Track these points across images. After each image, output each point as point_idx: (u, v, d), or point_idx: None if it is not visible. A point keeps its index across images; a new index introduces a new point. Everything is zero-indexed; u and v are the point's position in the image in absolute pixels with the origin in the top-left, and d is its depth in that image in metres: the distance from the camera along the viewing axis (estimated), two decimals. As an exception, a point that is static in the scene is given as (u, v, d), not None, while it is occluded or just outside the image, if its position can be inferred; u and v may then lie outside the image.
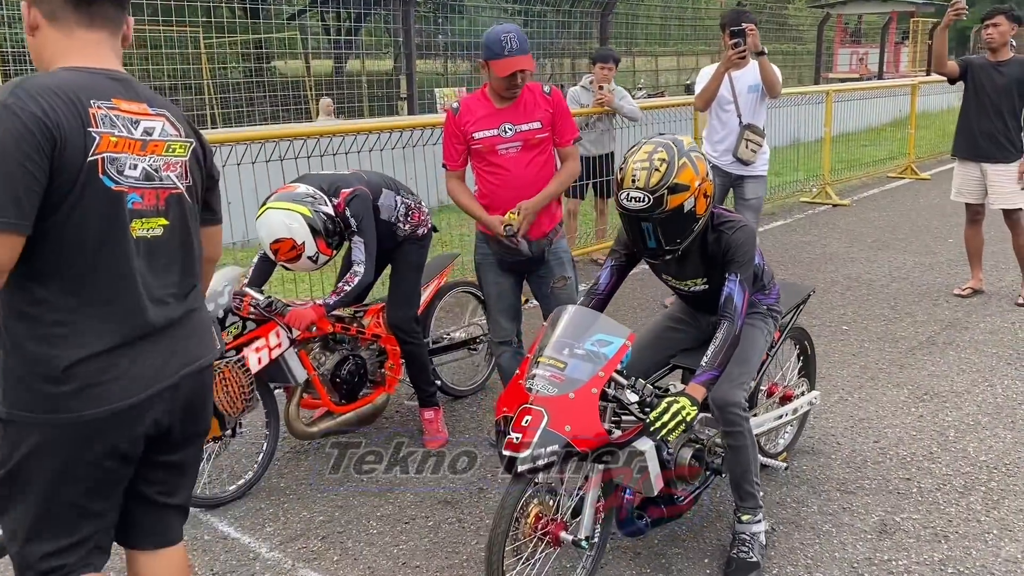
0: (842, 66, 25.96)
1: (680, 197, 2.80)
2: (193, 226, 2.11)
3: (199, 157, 2.13)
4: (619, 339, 2.78)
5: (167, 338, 2.03)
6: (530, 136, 3.78)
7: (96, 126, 1.88)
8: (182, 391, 2.06)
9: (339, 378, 4.02)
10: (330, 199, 3.81)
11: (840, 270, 7.41)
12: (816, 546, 3.29)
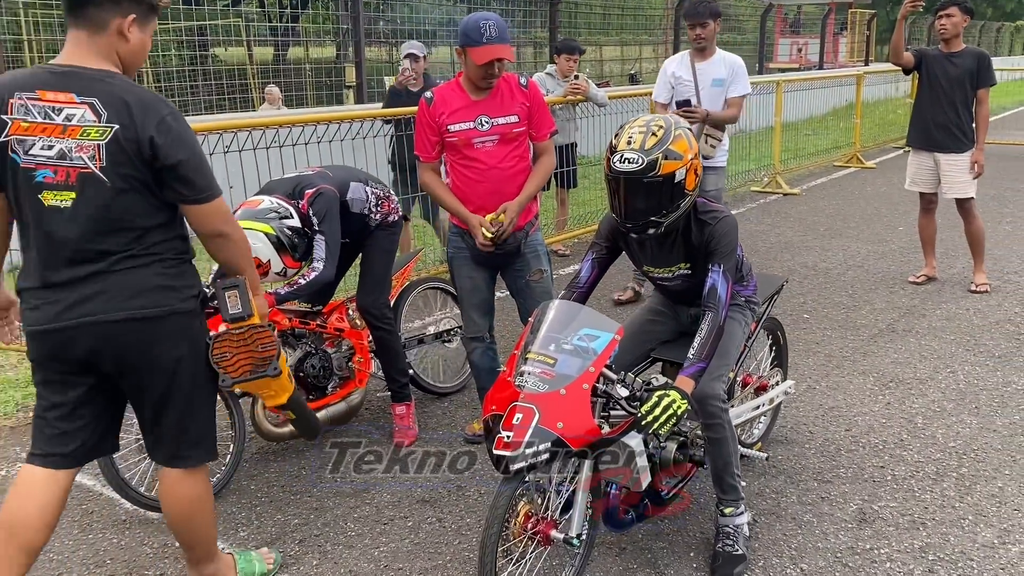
0: (782, 56, 26.36)
1: (673, 165, 2.80)
2: (111, 201, 2.41)
3: (125, 141, 2.37)
4: (608, 333, 2.73)
5: (69, 290, 2.44)
6: (507, 130, 3.71)
7: (11, 113, 2.36)
8: (85, 336, 2.46)
9: (303, 374, 3.91)
10: (296, 201, 3.71)
11: (796, 258, 7.49)
12: (799, 536, 3.30)
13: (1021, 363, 4.98)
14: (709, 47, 5.60)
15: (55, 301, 2.44)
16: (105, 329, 2.46)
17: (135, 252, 2.47)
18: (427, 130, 3.74)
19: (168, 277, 2.53)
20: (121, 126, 2.37)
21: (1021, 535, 3.29)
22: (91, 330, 2.45)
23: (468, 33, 3.54)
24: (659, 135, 2.82)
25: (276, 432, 3.81)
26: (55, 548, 3.31)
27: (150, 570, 3.16)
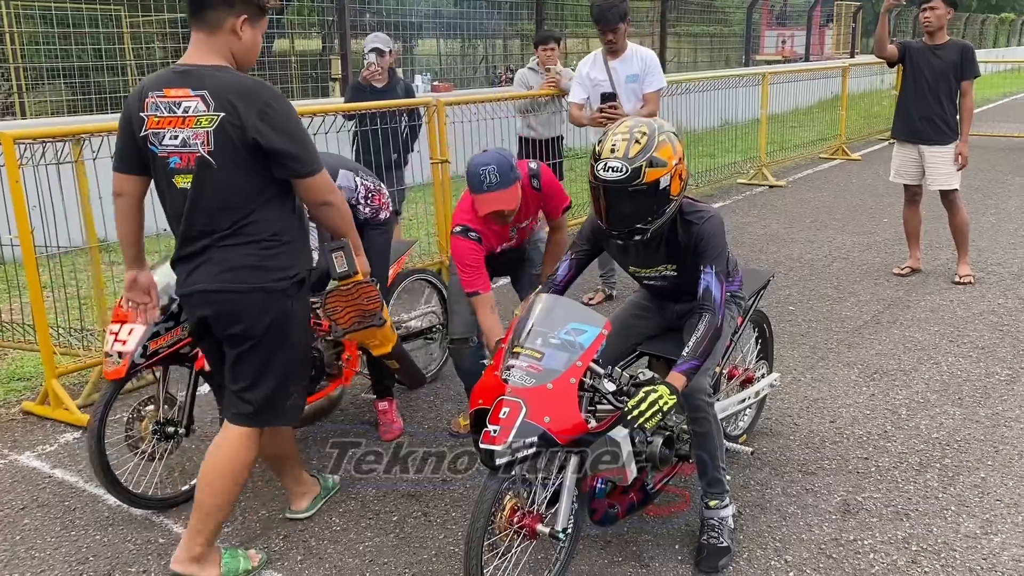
0: (768, 48, 26.39)
1: (657, 172, 2.77)
2: (218, 183, 2.73)
3: (231, 127, 2.68)
4: (595, 328, 2.73)
5: (187, 263, 2.86)
6: (528, 227, 3.94)
7: (146, 111, 2.75)
8: (196, 302, 2.88)
9: None
10: None
11: (782, 251, 7.51)
12: (783, 528, 3.31)
13: (1004, 354, 5.01)
14: (621, 45, 5.67)
15: (182, 272, 2.89)
16: (205, 297, 2.85)
17: (231, 232, 2.79)
18: (480, 266, 3.67)
19: (259, 258, 2.82)
20: (226, 113, 2.67)
21: (1003, 525, 3.31)
22: (198, 298, 2.87)
23: (470, 179, 3.57)
24: (643, 142, 2.78)
25: None
26: (36, 546, 3.29)
27: (133, 567, 3.14)
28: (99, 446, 3.27)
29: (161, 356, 3.38)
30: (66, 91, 11.80)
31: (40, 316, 4.30)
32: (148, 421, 3.51)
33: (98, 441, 3.27)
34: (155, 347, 3.34)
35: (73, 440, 4.15)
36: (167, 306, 3.36)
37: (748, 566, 3.09)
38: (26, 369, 5.05)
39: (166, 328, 3.37)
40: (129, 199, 2.89)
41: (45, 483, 3.76)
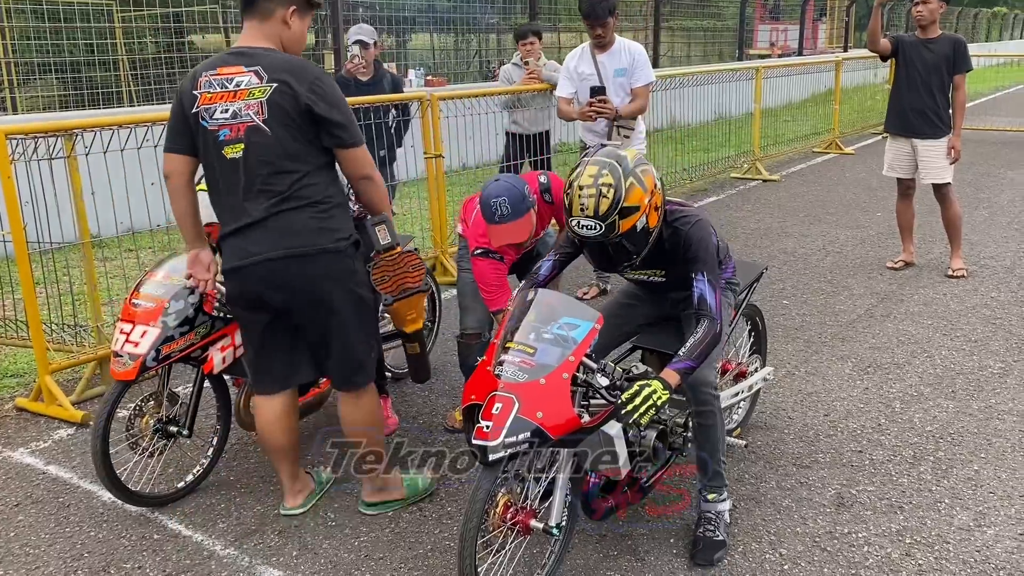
0: (762, 43, 26.40)
1: (632, 219, 2.75)
2: (271, 147, 2.88)
3: (284, 96, 2.86)
4: (588, 322, 2.72)
5: (242, 234, 2.94)
6: (540, 230, 3.92)
7: (199, 89, 2.92)
8: (256, 274, 2.94)
9: None
10: None
11: (775, 244, 7.52)
12: (778, 522, 3.32)
13: (996, 347, 5.02)
14: (609, 39, 5.65)
15: (235, 245, 2.96)
16: (269, 267, 2.92)
17: (290, 195, 2.91)
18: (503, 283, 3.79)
19: (319, 220, 2.95)
20: (280, 83, 2.86)
21: (996, 518, 3.33)
22: (259, 268, 2.93)
23: (483, 209, 3.60)
24: (610, 196, 2.71)
25: None
26: (31, 542, 3.28)
27: (128, 563, 3.13)
28: (103, 445, 3.25)
29: (173, 360, 3.38)
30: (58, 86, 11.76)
31: (33, 312, 4.29)
32: (149, 418, 3.50)
33: (103, 440, 3.25)
34: (168, 351, 3.32)
35: (67, 436, 4.14)
36: (182, 310, 3.34)
37: (743, 559, 3.10)
38: (19, 365, 5.04)
39: (180, 333, 3.34)
40: (179, 178, 3.02)
41: (39, 480, 3.75)
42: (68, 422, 4.26)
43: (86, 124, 4.47)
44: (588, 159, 2.81)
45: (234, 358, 3.50)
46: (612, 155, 2.80)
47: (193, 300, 3.36)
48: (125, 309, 3.37)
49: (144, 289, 3.39)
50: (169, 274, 3.42)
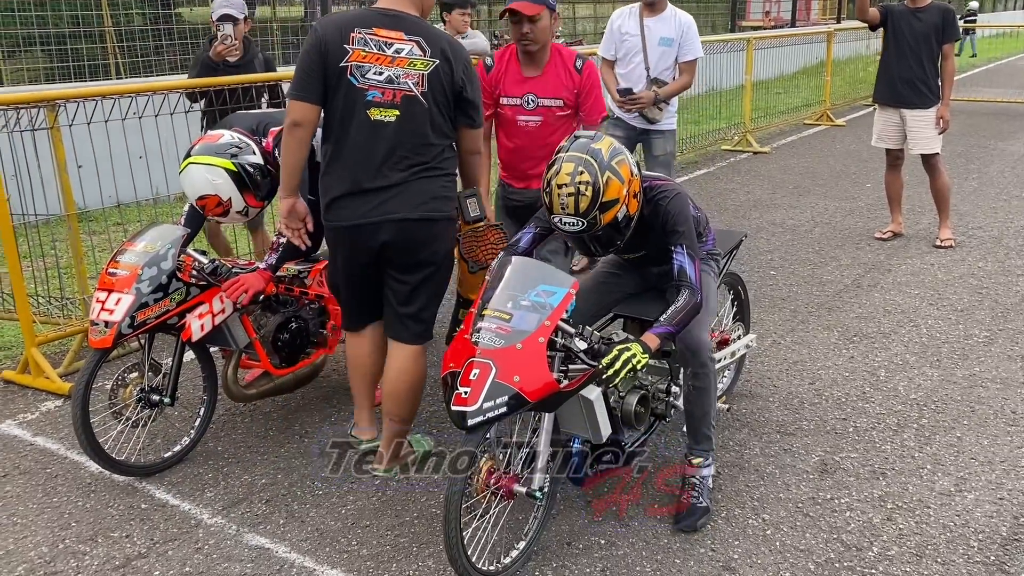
0: (755, 14, 26.24)
1: (612, 212, 2.75)
2: (425, 119, 3.09)
3: (443, 74, 3.08)
4: (563, 288, 2.73)
5: (377, 193, 3.10)
6: (550, 112, 3.85)
7: (352, 44, 3.02)
8: (385, 230, 3.12)
9: (280, 341, 3.86)
10: (259, 138, 3.65)
11: (764, 216, 7.53)
12: (761, 488, 3.36)
13: (982, 316, 5.06)
14: (660, 1, 5.30)
15: (364, 202, 3.10)
16: (403, 225, 3.13)
17: (431, 165, 3.15)
18: (484, 94, 3.74)
19: (446, 189, 3.21)
20: (441, 61, 3.08)
21: (976, 483, 3.37)
22: (392, 226, 3.12)
23: None
24: (588, 194, 2.70)
25: (246, 394, 3.78)
26: (19, 512, 3.29)
27: (115, 532, 3.15)
28: (83, 413, 3.27)
29: (149, 327, 3.38)
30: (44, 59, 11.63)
31: (18, 284, 4.27)
32: (132, 388, 3.50)
33: (83, 408, 3.26)
34: (143, 318, 3.32)
35: (54, 408, 4.15)
36: (155, 277, 3.34)
37: (726, 524, 3.13)
38: (6, 339, 5.03)
39: (155, 299, 3.34)
40: (307, 128, 3.07)
41: (27, 451, 3.75)
42: (55, 394, 4.26)
43: (69, 95, 4.44)
44: (563, 155, 2.78)
45: (212, 325, 3.49)
46: (586, 149, 2.77)
47: (167, 267, 3.36)
48: (102, 278, 3.37)
49: (120, 258, 3.39)
50: (147, 243, 3.42)
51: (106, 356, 3.40)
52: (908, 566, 2.89)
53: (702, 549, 3.00)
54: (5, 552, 3.05)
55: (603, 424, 2.79)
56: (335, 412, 4.04)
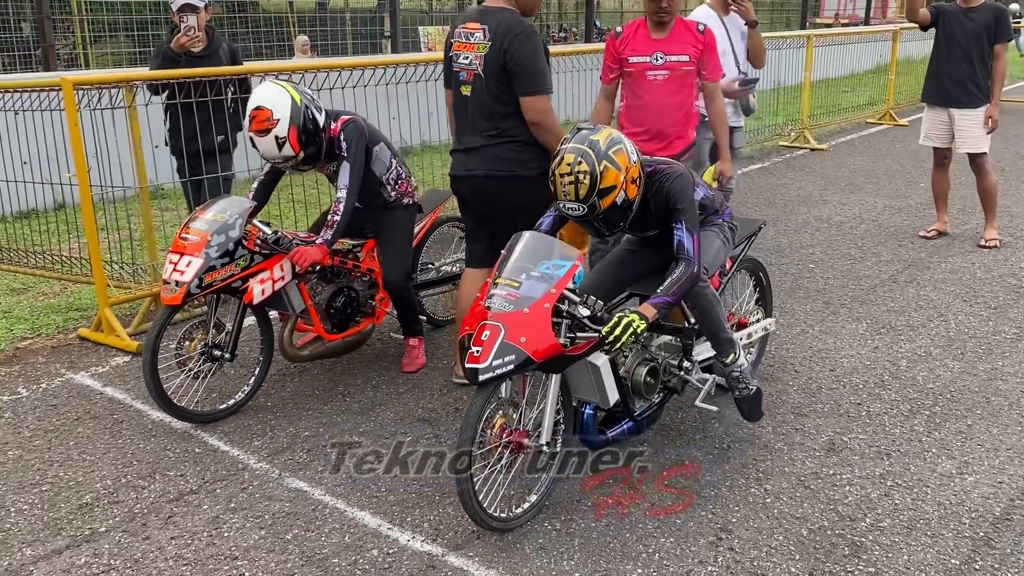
0: (828, 12, 25.88)
1: (610, 197, 2.99)
2: (489, 91, 3.80)
3: (493, 52, 3.74)
4: (569, 261, 3.00)
5: (467, 153, 3.94)
6: (677, 67, 4.29)
7: (455, 38, 3.90)
8: (468, 184, 3.99)
9: (333, 308, 4.21)
10: (329, 122, 3.99)
11: (812, 211, 7.61)
12: (768, 461, 3.54)
13: (1015, 314, 5.11)
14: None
15: (460, 159, 3.98)
16: (476, 181, 3.91)
17: (497, 133, 3.84)
18: (609, 59, 4.42)
19: (515, 152, 3.83)
20: (494, 42, 3.74)
21: (979, 467, 3.49)
22: (471, 181, 3.94)
23: None
24: (587, 182, 2.95)
25: (300, 355, 4.11)
26: (88, 450, 3.67)
27: (172, 471, 3.50)
28: (152, 361, 3.65)
29: (215, 289, 3.74)
30: (127, 43, 12.23)
31: (95, 251, 4.68)
32: (197, 343, 3.89)
33: (152, 356, 3.65)
34: (210, 279, 3.70)
35: (123, 363, 4.54)
36: (223, 243, 3.70)
37: (729, 492, 3.33)
38: (82, 300, 5.46)
39: (221, 264, 3.72)
40: (450, 107, 4.06)
41: (97, 399, 4.15)
42: (124, 351, 4.65)
43: (145, 77, 4.81)
44: (565, 147, 3.02)
45: (272, 290, 3.84)
46: (585, 141, 3.00)
47: (234, 235, 3.72)
48: (175, 242, 3.74)
49: (192, 225, 3.76)
50: (216, 213, 3.79)
51: (176, 312, 3.79)
52: (897, 537, 3.05)
53: (703, 512, 3.20)
54: (76, 482, 3.42)
55: (610, 389, 3.03)
56: (376, 376, 4.34)
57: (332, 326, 4.21)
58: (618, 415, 3.31)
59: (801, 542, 3.03)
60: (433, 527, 3.11)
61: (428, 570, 2.89)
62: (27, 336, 4.93)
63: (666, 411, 3.79)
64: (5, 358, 4.64)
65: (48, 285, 5.76)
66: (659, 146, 4.30)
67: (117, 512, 3.22)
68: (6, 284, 5.81)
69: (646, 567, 2.91)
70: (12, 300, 5.52)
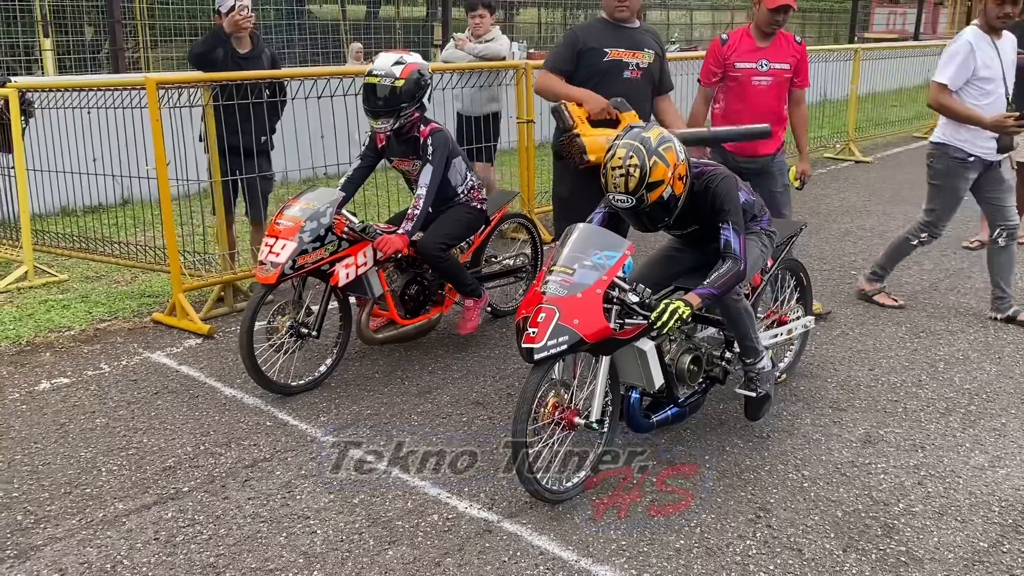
0: (879, 26, 25.80)
1: (658, 191, 3.19)
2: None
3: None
4: (620, 251, 3.23)
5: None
6: (779, 74, 4.73)
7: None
8: None
9: (407, 295, 4.52)
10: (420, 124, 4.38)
11: (855, 221, 7.73)
12: (806, 450, 3.72)
13: (1054, 322, 5.21)
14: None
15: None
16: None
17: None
18: (713, 63, 4.76)
19: None
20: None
21: (1011, 461, 3.64)
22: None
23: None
24: (636, 175, 3.13)
25: (375, 338, 4.41)
26: (168, 421, 3.96)
27: (245, 441, 3.77)
28: (249, 330, 3.98)
29: (306, 271, 4.06)
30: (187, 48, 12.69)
31: (171, 241, 4.99)
32: (287, 319, 4.21)
33: (249, 326, 3.98)
34: (302, 262, 4.03)
35: (196, 344, 4.85)
36: (315, 229, 4.02)
37: (768, 476, 3.51)
38: (153, 288, 5.79)
39: (313, 247, 4.04)
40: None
41: (173, 376, 4.45)
42: (196, 334, 4.96)
43: (223, 77, 5.12)
44: (619, 143, 3.24)
45: (356, 275, 4.17)
46: (637, 137, 3.22)
47: (325, 222, 4.05)
48: (270, 227, 4.10)
49: (286, 212, 4.11)
50: (307, 201, 4.13)
51: (271, 291, 4.10)
52: (928, 520, 3.22)
53: (742, 492, 3.39)
54: (159, 448, 3.71)
55: (656, 373, 3.25)
56: (432, 362, 4.59)
57: (405, 312, 4.51)
58: (663, 401, 3.52)
59: (836, 522, 3.21)
60: (489, 496, 3.34)
61: (485, 534, 3.12)
62: (105, 318, 5.26)
63: (709, 402, 4.00)
64: (87, 337, 4.97)
65: (120, 273, 6.11)
66: (756, 145, 4.68)
67: (198, 475, 3.50)
68: (80, 272, 6.16)
69: (688, 538, 3.11)
70: (88, 286, 5.87)
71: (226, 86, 5.11)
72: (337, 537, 3.10)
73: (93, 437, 3.81)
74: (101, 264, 6.16)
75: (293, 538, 3.09)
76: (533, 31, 17.61)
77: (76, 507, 3.28)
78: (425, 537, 3.10)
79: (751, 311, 3.62)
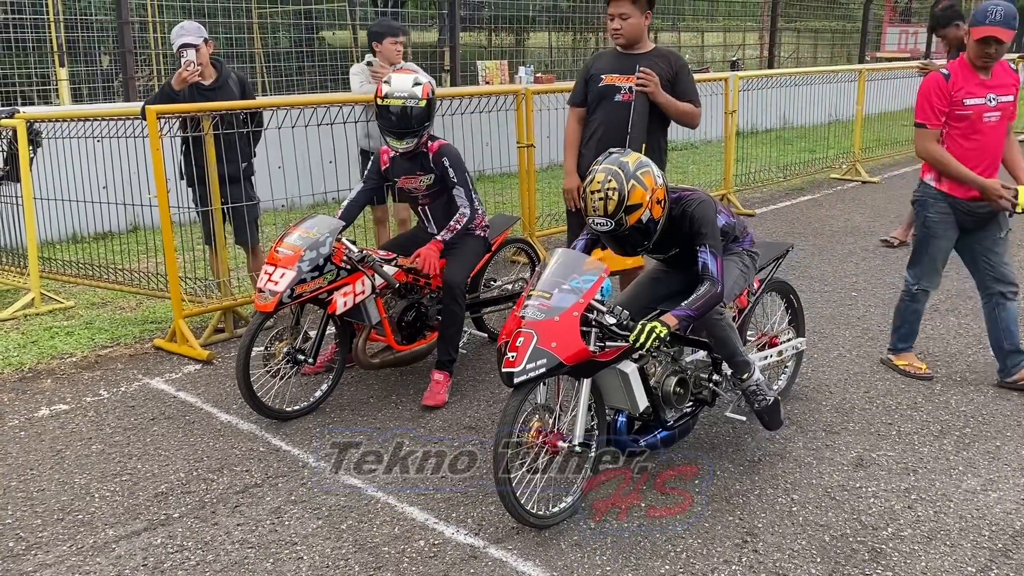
0: (890, 45, 25.79)
1: (636, 214, 3.24)
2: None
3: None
4: (596, 274, 3.27)
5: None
6: (1007, 107, 4.34)
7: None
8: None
9: (405, 322, 4.55)
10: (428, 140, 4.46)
11: (859, 242, 7.72)
12: (797, 473, 3.71)
13: (1055, 343, 5.17)
14: None
15: None
16: None
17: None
18: (940, 101, 4.30)
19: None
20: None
21: (1004, 485, 3.61)
22: None
23: (976, 15, 4.15)
24: (615, 198, 3.20)
25: (371, 363, 4.43)
26: (163, 446, 4.00)
27: (238, 467, 3.80)
28: (246, 357, 4.03)
29: (304, 300, 4.11)
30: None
31: (171, 263, 5.06)
32: (283, 345, 4.26)
33: (246, 352, 4.03)
34: (300, 291, 4.07)
35: (194, 370, 4.89)
36: (314, 259, 4.07)
37: (757, 500, 3.50)
38: (157, 314, 5.86)
39: (311, 277, 4.09)
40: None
41: (171, 401, 4.49)
42: (196, 359, 5.01)
43: (222, 107, 5.20)
44: (597, 168, 3.29)
45: (354, 303, 4.21)
46: (616, 162, 3.28)
47: (324, 251, 4.10)
48: (270, 255, 4.15)
49: (287, 239, 4.16)
50: (306, 230, 4.18)
51: (269, 318, 4.14)
52: (917, 545, 3.20)
53: (730, 517, 3.39)
54: (152, 474, 3.75)
55: (639, 396, 3.26)
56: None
57: (402, 338, 4.53)
58: (652, 425, 3.53)
59: (823, 547, 3.20)
60: (476, 522, 3.35)
61: (471, 560, 3.13)
62: (107, 345, 5.32)
63: (700, 425, 4.00)
64: (88, 364, 5.03)
65: (125, 300, 6.18)
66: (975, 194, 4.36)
67: (189, 501, 3.53)
68: (87, 299, 6.24)
69: (673, 564, 3.10)
70: (93, 313, 5.94)
71: (195, 117, 5.08)
72: (323, 563, 3.12)
73: (88, 463, 3.85)
74: (107, 291, 6.24)
75: (280, 564, 3.11)
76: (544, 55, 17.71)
77: (67, 533, 3.31)
78: (411, 563, 3.12)
79: (733, 325, 3.65)
